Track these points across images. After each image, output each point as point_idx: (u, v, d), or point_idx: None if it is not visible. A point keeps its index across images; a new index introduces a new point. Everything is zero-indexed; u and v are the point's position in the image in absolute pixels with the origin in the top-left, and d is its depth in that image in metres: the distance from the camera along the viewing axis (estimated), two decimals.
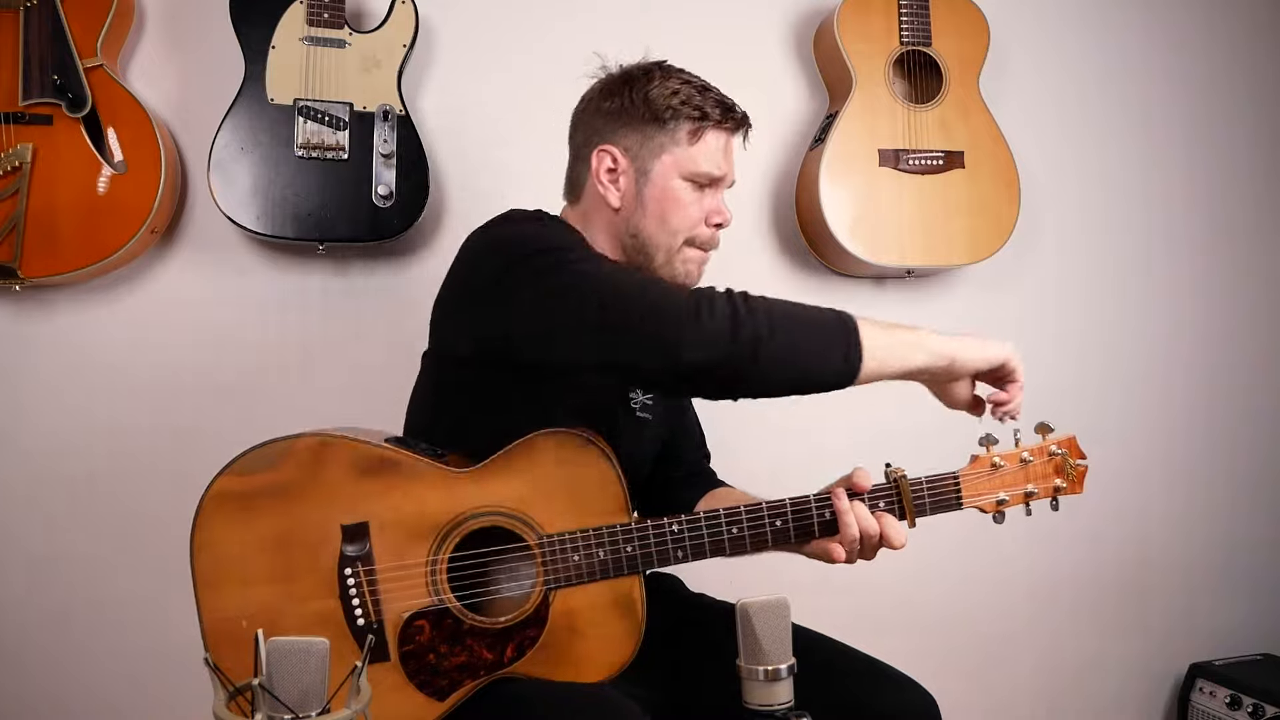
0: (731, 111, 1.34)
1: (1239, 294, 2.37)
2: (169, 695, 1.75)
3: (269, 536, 1.16)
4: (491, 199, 1.92)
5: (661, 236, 1.33)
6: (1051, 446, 1.29)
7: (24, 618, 1.73)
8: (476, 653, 1.19)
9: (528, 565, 1.21)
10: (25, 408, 1.74)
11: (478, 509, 1.20)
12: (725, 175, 1.35)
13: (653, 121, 1.31)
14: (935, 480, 1.26)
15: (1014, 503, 1.27)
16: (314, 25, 1.71)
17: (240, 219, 1.67)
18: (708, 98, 1.32)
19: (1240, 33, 2.38)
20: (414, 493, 1.19)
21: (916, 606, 2.12)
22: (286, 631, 1.13)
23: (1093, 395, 2.26)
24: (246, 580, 1.16)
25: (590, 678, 1.20)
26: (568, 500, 1.21)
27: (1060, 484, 1.29)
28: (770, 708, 1.03)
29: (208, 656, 0.95)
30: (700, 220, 1.34)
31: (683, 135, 1.31)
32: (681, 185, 1.32)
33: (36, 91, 1.61)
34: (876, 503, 1.24)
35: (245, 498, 1.17)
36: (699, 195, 1.33)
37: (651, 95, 1.32)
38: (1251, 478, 2.37)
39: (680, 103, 1.31)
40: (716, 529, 1.22)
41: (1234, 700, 2.12)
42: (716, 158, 1.33)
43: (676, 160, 1.32)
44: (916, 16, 1.98)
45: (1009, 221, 1.99)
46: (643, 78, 1.33)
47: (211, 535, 1.17)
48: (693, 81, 1.33)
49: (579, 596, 1.20)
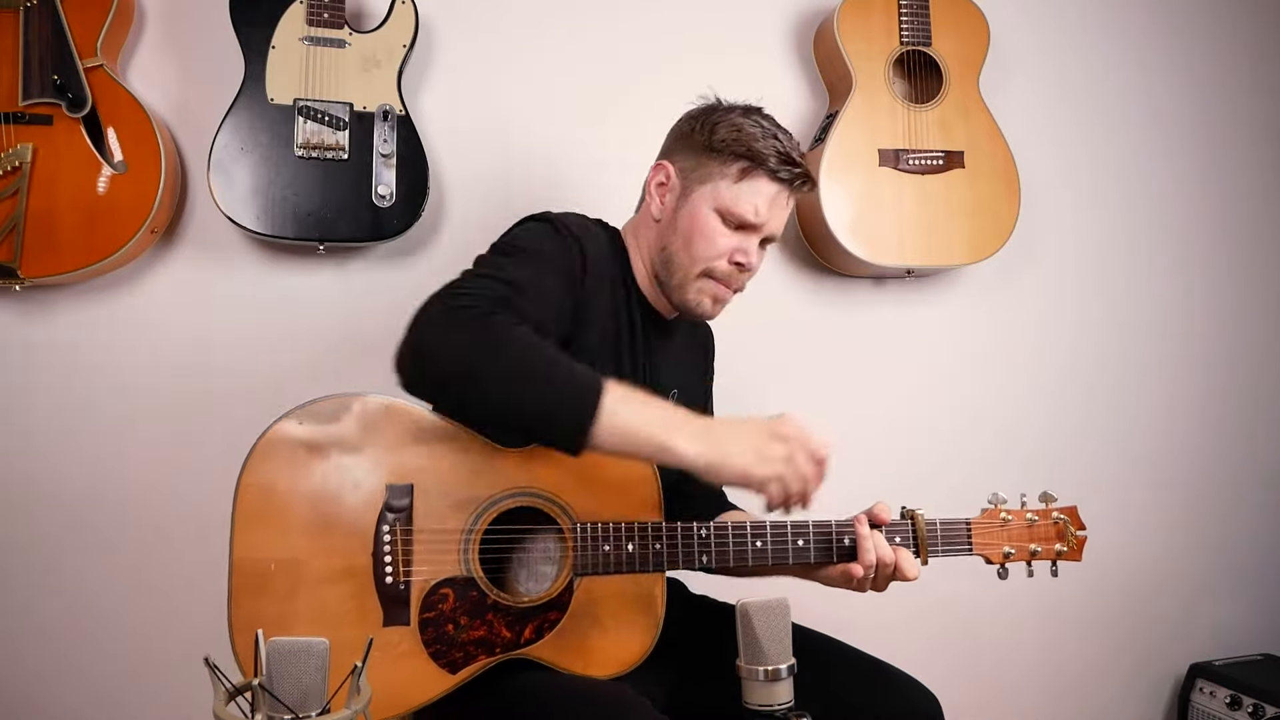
0: (790, 164, 1.34)
1: (1239, 293, 2.37)
2: (170, 694, 1.75)
3: (316, 485, 1.18)
4: (491, 199, 1.93)
5: (683, 258, 1.36)
6: (1055, 513, 1.37)
7: (24, 617, 1.73)
8: (496, 629, 1.20)
9: (558, 550, 1.23)
10: (25, 408, 1.74)
11: (518, 488, 1.22)
12: (763, 224, 1.35)
13: (709, 150, 1.35)
14: (949, 524, 1.33)
15: (1019, 558, 1.36)
16: (314, 25, 1.71)
17: (240, 219, 1.67)
18: (770, 145, 1.33)
19: (1241, 32, 2.38)
20: (461, 464, 1.22)
21: (918, 606, 2.12)
22: (311, 581, 1.15)
23: (1092, 395, 2.26)
24: (284, 526, 1.17)
25: (601, 671, 1.22)
26: (605, 492, 1.24)
27: (1061, 549, 1.37)
28: (770, 708, 1.03)
29: (208, 656, 0.95)
30: (723, 255, 1.35)
31: (732, 171, 1.34)
32: (713, 217, 1.34)
33: (36, 91, 1.61)
34: (892, 537, 1.29)
35: (301, 444, 1.18)
36: (729, 232, 1.35)
37: (718, 126, 1.35)
38: (1251, 478, 2.38)
39: (739, 139, 1.33)
40: (742, 539, 1.26)
41: (1234, 700, 2.12)
42: (757, 202, 1.34)
43: (717, 191, 1.34)
44: (916, 16, 1.98)
45: (1009, 221, 1.99)
46: (723, 112, 1.37)
47: (261, 475, 1.18)
48: (767, 128, 1.34)
49: (603, 587, 1.23)
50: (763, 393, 2.03)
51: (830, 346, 2.10)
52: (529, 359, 1.12)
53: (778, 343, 2.06)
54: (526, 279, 1.21)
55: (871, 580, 1.27)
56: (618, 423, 1.10)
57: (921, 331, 2.15)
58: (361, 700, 0.90)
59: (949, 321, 2.17)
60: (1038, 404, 2.22)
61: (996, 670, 2.20)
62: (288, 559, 1.16)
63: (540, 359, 1.13)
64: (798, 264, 2.08)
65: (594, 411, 1.09)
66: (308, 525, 1.18)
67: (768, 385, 2.04)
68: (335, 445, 1.19)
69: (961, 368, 2.18)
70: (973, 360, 2.18)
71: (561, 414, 1.11)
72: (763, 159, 1.32)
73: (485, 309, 1.14)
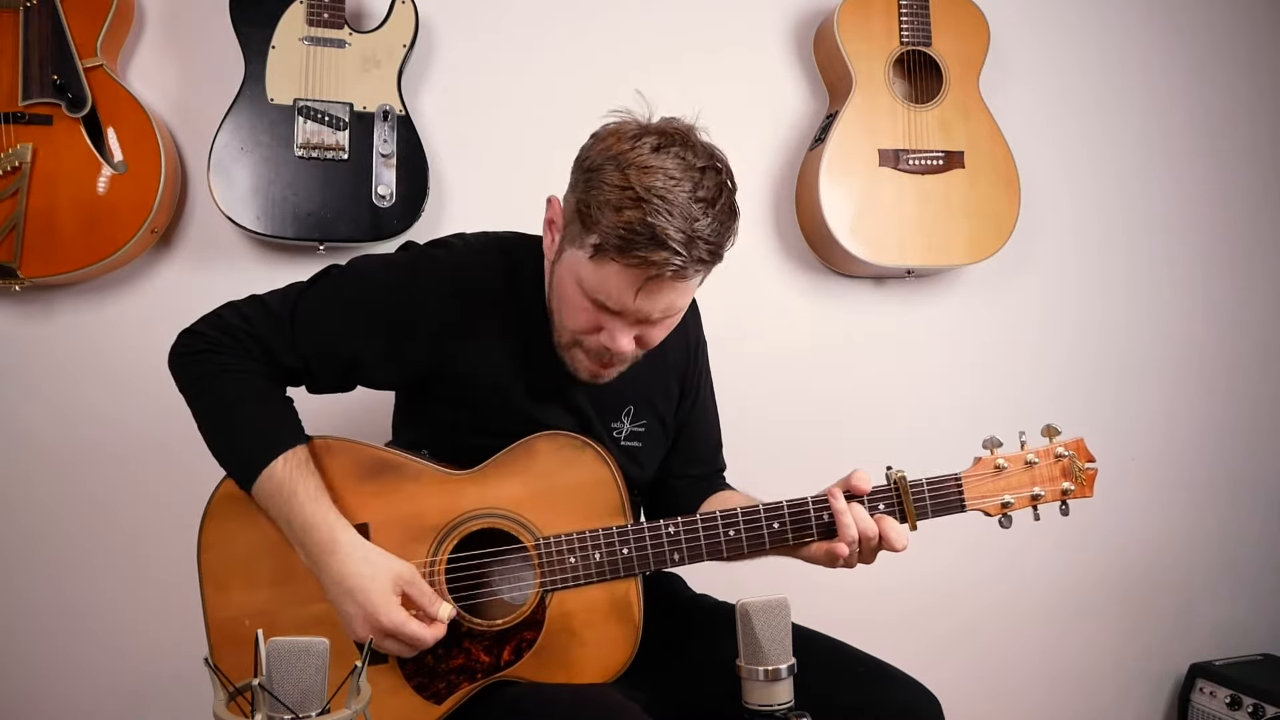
0: (668, 260, 1.06)
1: (1239, 293, 2.36)
2: (170, 695, 1.75)
3: (273, 539, 1.17)
4: (491, 199, 1.93)
5: (556, 318, 1.22)
6: (1058, 449, 1.25)
7: (24, 617, 1.73)
8: (474, 655, 1.19)
9: (525, 567, 1.21)
10: (25, 408, 1.74)
11: (475, 511, 1.20)
12: (627, 311, 1.13)
13: (579, 208, 1.12)
14: (936, 482, 1.25)
15: (1020, 506, 1.23)
16: (314, 25, 1.71)
17: (240, 219, 1.67)
18: (649, 223, 1.05)
19: (1241, 31, 2.38)
20: (413, 495, 1.19)
21: (918, 606, 2.12)
22: (288, 632, 1.14)
23: (1092, 395, 2.26)
24: (251, 580, 1.17)
25: (586, 682, 1.20)
26: (565, 502, 1.21)
27: (1068, 487, 1.25)
28: (770, 708, 1.03)
29: (208, 657, 0.95)
30: (590, 330, 1.17)
31: (587, 245, 1.11)
32: (574, 287, 1.16)
33: (36, 91, 1.61)
34: (876, 505, 1.22)
35: (250, 500, 1.17)
36: (591, 308, 1.15)
37: (596, 181, 1.10)
38: (1251, 478, 2.37)
39: (603, 209, 1.08)
40: (713, 531, 1.21)
41: (1234, 700, 2.12)
42: (612, 288, 1.11)
43: (576, 263, 1.14)
44: (916, 16, 1.98)
45: (1009, 221, 1.99)
46: (616, 155, 1.10)
47: (218, 536, 1.18)
48: (660, 195, 1.06)
49: (576, 599, 1.20)
50: (762, 393, 2.03)
51: (830, 347, 2.10)
52: (215, 408, 1.20)
53: (778, 343, 2.06)
54: (290, 313, 1.23)
55: (859, 554, 1.21)
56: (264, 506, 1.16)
57: (921, 331, 2.15)
58: (362, 700, 0.90)
59: (949, 321, 2.17)
60: (1038, 404, 2.22)
61: (997, 670, 2.20)
62: (260, 612, 1.16)
63: (221, 412, 1.20)
64: (798, 264, 2.08)
65: (249, 488, 1.16)
66: (272, 577, 1.17)
67: (767, 385, 2.04)
68: None
69: (961, 368, 2.17)
70: (973, 360, 2.18)
71: (230, 473, 1.19)
72: (619, 246, 1.06)
73: (200, 347, 1.22)
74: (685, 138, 1.12)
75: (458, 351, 1.24)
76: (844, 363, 2.11)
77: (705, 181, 1.09)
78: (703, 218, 1.07)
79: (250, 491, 1.16)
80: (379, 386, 1.31)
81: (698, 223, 1.07)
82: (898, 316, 2.14)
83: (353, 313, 1.23)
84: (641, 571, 1.21)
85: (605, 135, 1.14)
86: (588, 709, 1.13)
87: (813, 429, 2.07)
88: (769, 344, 2.04)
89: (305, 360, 1.23)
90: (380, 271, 1.27)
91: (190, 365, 1.22)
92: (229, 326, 1.22)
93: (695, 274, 1.12)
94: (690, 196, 1.07)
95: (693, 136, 1.14)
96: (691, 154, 1.11)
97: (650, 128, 1.13)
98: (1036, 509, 1.26)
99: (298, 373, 1.24)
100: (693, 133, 1.14)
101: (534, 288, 1.27)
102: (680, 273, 1.09)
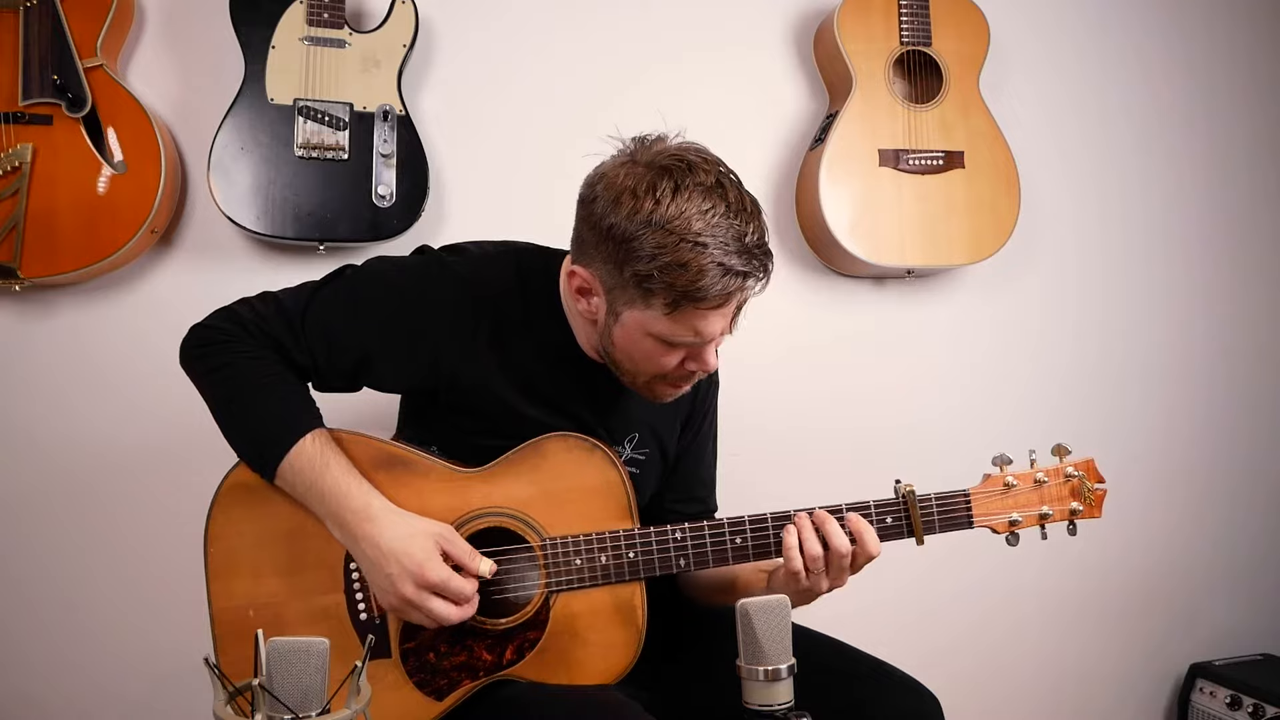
0: (742, 285, 1.11)
1: (1239, 293, 2.36)
2: (171, 695, 1.75)
3: (280, 529, 1.18)
4: (491, 199, 1.93)
5: (627, 365, 1.22)
6: (1068, 468, 1.26)
7: (24, 617, 1.73)
8: (476, 653, 1.19)
9: (531, 567, 1.22)
10: (25, 407, 1.74)
11: (483, 509, 1.20)
12: (712, 337, 1.16)
13: (631, 279, 1.11)
14: (945, 497, 1.25)
15: (1027, 524, 1.24)
16: (314, 25, 1.71)
17: (240, 219, 1.67)
18: (719, 267, 1.08)
19: (1241, 31, 2.38)
20: (422, 490, 1.20)
21: (918, 606, 2.11)
22: (292, 623, 1.15)
23: (1092, 394, 2.26)
24: (256, 572, 1.17)
25: (587, 684, 1.20)
26: (573, 503, 1.21)
27: (1077, 507, 1.26)
28: (770, 708, 1.03)
29: (208, 656, 0.95)
30: (673, 365, 1.19)
31: (658, 304, 1.11)
32: (649, 340, 1.16)
33: (36, 91, 1.61)
34: (884, 518, 1.23)
35: (259, 490, 1.18)
36: (673, 350, 1.17)
37: (639, 251, 1.09)
38: (1251, 478, 2.37)
39: (666, 269, 1.08)
40: (720, 537, 1.22)
41: (1234, 700, 2.12)
42: (698, 326, 1.13)
43: (647, 321, 1.14)
44: (916, 16, 1.98)
45: (1009, 221, 1.99)
46: (646, 224, 1.08)
47: (225, 527, 1.18)
48: (705, 233, 1.07)
49: (580, 601, 1.20)
50: (763, 393, 2.03)
51: (830, 347, 2.10)
52: (237, 394, 1.20)
53: (778, 343, 2.06)
54: (303, 311, 1.23)
55: (828, 575, 1.18)
56: (292, 482, 1.16)
57: (921, 331, 2.15)
58: (362, 700, 0.90)
59: (949, 321, 2.17)
60: (1038, 404, 2.22)
61: (997, 671, 2.19)
62: (264, 604, 1.16)
63: (244, 396, 1.19)
64: (798, 264, 2.08)
65: (273, 467, 1.16)
66: (278, 568, 1.17)
67: (767, 385, 2.04)
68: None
69: (961, 368, 2.17)
70: (972, 360, 2.18)
71: (249, 458, 1.19)
72: (697, 296, 1.09)
73: (216, 339, 1.22)
74: (685, 161, 1.12)
75: (467, 361, 1.24)
76: (844, 362, 2.10)
77: (725, 193, 1.11)
78: (745, 225, 1.10)
79: (274, 472, 1.16)
80: (386, 390, 1.31)
81: (746, 237, 1.10)
82: (898, 317, 2.14)
83: (364, 315, 1.24)
84: (647, 576, 1.21)
85: (618, 194, 1.12)
86: (588, 707, 1.13)
87: (812, 429, 2.07)
88: (768, 344, 2.04)
89: (315, 358, 1.23)
90: (394, 275, 1.27)
91: (207, 356, 1.22)
92: (243, 320, 1.23)
93: (760, 289, 1.16)
94: (726, 216, 1.09)
95: (686, 155, 1.13)
96: (700, 174, 1.11)
97: (651, 166, 1.12)
98: (1044, 528, 1.26)
99: (307, 370, 1.24)
100: (682, 151, 1.14)
101: (547, 300, 1.27)
102: (757, 283, 1.14)
